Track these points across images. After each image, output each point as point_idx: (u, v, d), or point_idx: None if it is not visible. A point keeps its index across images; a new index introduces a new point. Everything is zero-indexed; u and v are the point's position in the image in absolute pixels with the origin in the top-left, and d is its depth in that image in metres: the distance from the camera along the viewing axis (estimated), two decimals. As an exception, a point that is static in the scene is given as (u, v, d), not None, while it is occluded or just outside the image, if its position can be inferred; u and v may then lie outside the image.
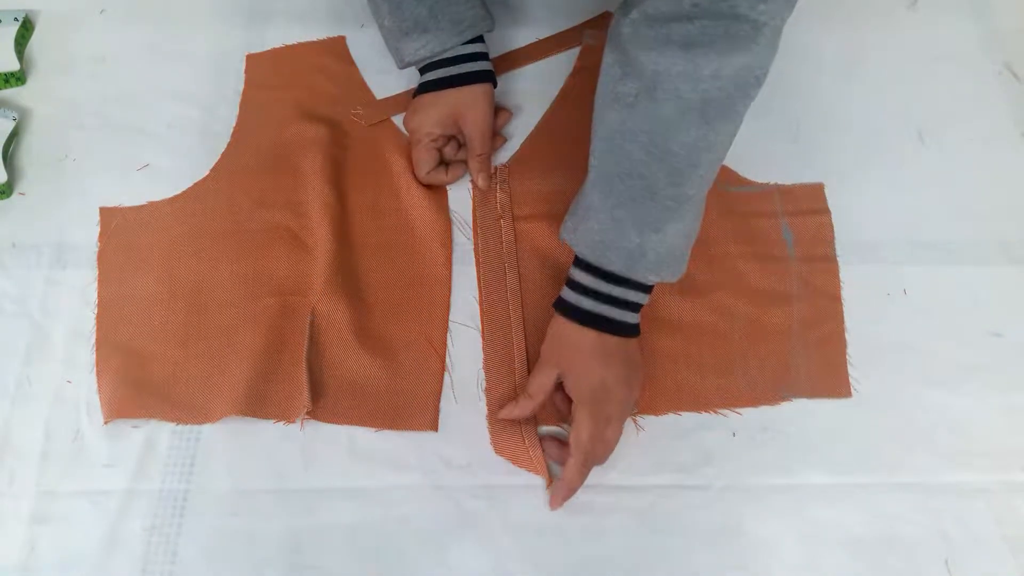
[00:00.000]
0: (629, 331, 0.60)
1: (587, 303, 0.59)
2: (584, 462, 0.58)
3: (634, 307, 0.60)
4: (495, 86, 0.73)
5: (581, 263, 0.60)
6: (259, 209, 0.71)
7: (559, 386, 0.61)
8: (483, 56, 0.72)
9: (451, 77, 0.70)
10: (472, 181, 0.72)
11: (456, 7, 0.69)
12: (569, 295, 0.60)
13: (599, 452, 0.59)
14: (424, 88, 0.72)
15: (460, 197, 0.73)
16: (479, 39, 0.72)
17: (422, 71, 0.72)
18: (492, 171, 0.73)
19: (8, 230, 0.71)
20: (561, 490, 0.59)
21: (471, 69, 0.71)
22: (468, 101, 0.70)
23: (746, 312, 0.67)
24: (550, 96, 0.78)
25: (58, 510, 0.61)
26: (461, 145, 0.73)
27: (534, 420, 0.63)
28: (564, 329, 0.60)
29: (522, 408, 0.60)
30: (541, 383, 0.60)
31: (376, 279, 0.69)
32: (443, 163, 0.72)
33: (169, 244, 0.70)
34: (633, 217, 0.57)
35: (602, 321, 0.59)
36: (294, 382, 0.64)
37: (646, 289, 0.60)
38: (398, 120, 0.76)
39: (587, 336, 0.59)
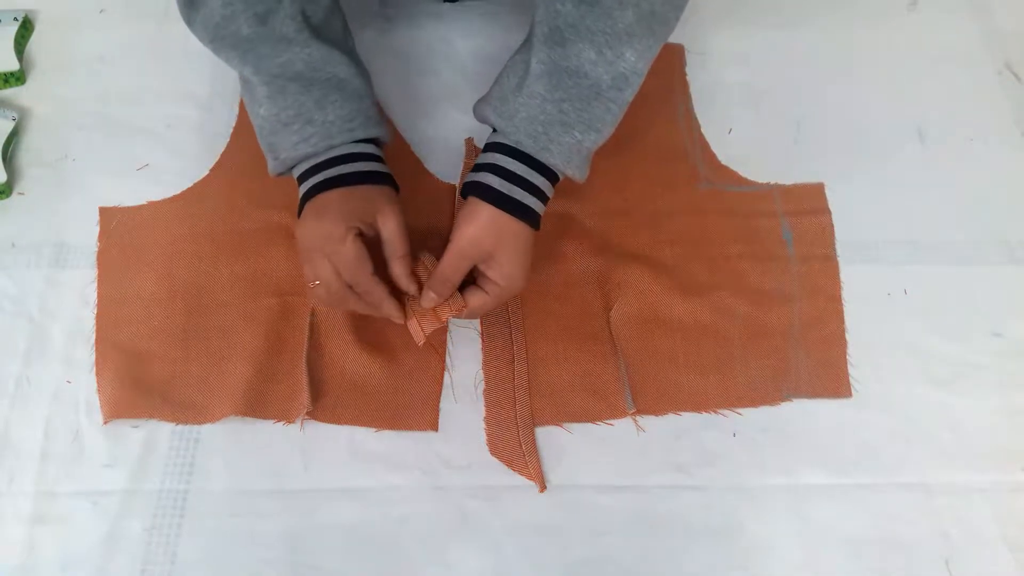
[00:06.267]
0: (538, 224, 0.61)
1: (519, 193, 0.59)
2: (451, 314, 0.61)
3: (544, 198, 0.61)
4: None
5: (508, 150, 0.59)
6: (259, 209, 0.71)
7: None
8: (380, 159, 0.62)
9: (352, 175, 0.59)
10: (401, 288, 0.60)
11: (348, 103, 0.60)
12: (498, 183, 0.59)
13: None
14: (316, 190, 0.59)
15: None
16: (371, 143, 0.62)
17: (302, 178, 0.61)
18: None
19: (8, 230, 0.71)
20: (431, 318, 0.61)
21: (374, 168, 0.60)
22: (383, 197, 0.59)
23: (746, 312, 0.67)
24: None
25: (58, 510, 0.61)
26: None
27: (531, 424, 0.63)
28: (501, 220, 0.59)
29: (439, 296, 0.59)
30: (463, 273, 0.59)
31: (376, 279, 0.69)
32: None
33: (169, 244, 0.70)
34: (580, 114, 0.58)
35: (530, 214, 0.60)
36: (294, 382, 0.64)
37: (555, 182, 0.62)
38: (397, 121, 0.77)
39: (519, 229, 0.59)
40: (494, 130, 0.62)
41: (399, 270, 0.59)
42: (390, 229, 0.58)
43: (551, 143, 0.58)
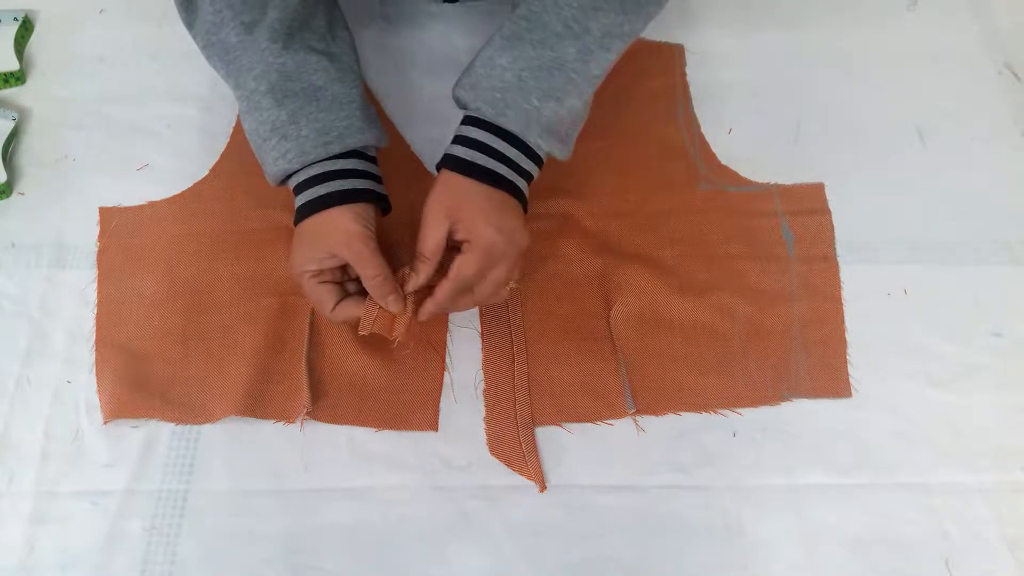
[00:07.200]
0: (520, 197, 0.60)
1: (481, 159, 0.59)
2: (458, 288, 0.58)
3: (526, 175, 0.61)
4: (385, 208, 0.63)
5: (474, 120, 0.60)
6: (259, 209, 0.71)
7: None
8: (360, 173, 0.61)
9: (314, 200, 0.59)
10: (389, 309, 0.59)
11: (324, 115, 0.59)
12: (460, 151, 0.59)
13: (484, 290, 0.59)
14: (299, 216, 0.60)
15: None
16: (360, 155, 0.62)
17: (295, 192, 0.61)
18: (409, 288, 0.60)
19: (8, 230, 0.71)
20: (428, 306, 0.59)
21: (349, 187, 0.59)
22: (351, 222, 0.58)
23: (746, 312, 0.67)
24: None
25: (58, 510, 0.61)
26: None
27: (531, 424, 0.63)
28: (456, 181, 0.59)
29: (421, 274, 0.59)
30: (436, 240, 0.58)
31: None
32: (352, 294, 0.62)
33: (169, 244, 0.70)
34: (538, 81, 0.59)
35: (496, 176, 0.59)
36: (294, 382, 0.64)
37: (538, 161, 0.61)
38: (397, 121, 0.77)
39: (480, 188, 0.59)
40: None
41: (375, 292, 0.58)
42: (353, 258, 0.58)
43: (508, 108, 0.59)
